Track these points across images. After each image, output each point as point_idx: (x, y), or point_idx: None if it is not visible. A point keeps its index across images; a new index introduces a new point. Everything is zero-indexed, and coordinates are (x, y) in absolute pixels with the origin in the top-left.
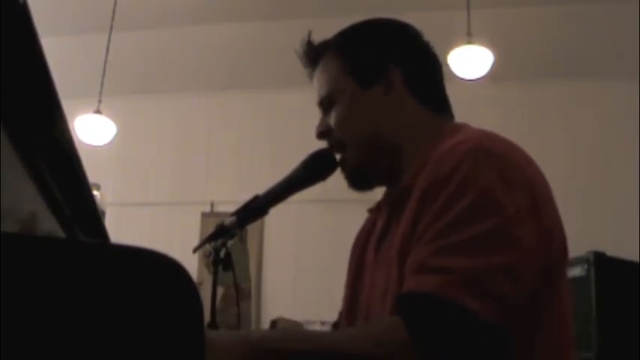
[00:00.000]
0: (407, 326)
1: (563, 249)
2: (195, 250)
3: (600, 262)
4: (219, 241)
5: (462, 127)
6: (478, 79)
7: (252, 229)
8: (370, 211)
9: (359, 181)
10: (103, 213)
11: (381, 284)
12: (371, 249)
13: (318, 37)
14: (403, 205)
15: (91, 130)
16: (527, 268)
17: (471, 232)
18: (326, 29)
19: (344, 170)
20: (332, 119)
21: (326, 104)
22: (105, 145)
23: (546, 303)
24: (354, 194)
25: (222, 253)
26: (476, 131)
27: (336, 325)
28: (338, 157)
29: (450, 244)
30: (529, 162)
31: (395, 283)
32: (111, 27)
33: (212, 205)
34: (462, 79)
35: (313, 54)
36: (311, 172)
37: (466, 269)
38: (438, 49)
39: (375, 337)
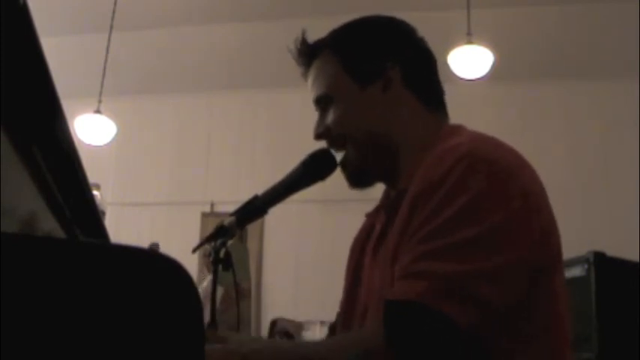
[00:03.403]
0: (386, 334)
1: (557, 254)
2: (194, 250)
3: (600, 262)
4: (219, 241)
5: (459, 128)
6: (478, 79)
7: (252, 229)
8: (368, 215)
9: (360, 181)
10: (103, 213)
11: (377, 287)
12: (369, 251)
13: (317, 37)
14: (398, 209)
15: (91, 130)
16: (511, 274)
17: (457, 237)
18: (326, 29)
19: (345, 170)
20: (329, 118)
21: (323, 103)
22: (105, 145)
23: (538, 305)
24: (354, 194)
25: (222, 253)
26: (471, 135)
27: (333, 327)
28: (338, 157)
29: (435, 249)
30: (524, 167)
31: (388, 287)
32: (111, 27)
33: (212, 205)
34: (462, 79)
35: (308, 53)
36: (310, 172)
37: (449, 274)
38: (438, 49)
39: (355, 346)
